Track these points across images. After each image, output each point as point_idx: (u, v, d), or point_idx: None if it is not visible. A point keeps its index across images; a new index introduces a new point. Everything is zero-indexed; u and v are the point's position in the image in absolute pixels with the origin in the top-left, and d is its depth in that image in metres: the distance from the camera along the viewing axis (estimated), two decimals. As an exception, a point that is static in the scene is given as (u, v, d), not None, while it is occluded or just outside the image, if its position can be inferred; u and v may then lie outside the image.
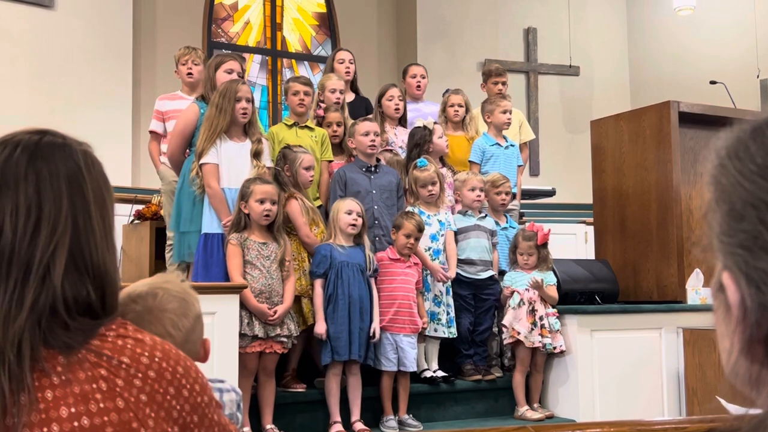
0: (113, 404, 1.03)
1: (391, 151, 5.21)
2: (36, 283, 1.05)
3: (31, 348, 1.02)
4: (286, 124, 4.87)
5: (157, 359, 1.09)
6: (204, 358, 1.76)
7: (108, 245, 1.14)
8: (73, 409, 1.01)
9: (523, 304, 4.62)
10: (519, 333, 4.58)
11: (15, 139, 1.13)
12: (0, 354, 1.01)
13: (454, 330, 4.64)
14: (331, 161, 4.90)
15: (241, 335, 3.85)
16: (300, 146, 4.56)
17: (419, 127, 5.04)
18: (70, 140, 1.16)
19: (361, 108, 5.55)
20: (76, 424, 1.01)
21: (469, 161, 5.35)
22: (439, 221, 4.74)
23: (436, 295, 4.63)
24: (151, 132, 5.37)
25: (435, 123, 5.12)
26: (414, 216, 4.45)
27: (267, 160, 4.44)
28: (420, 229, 4.40)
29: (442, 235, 4.72)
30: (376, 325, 4.22)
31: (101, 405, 1.03)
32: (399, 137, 5.32)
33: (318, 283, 4.19)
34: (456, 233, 4.81)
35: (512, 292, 4.67)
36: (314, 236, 4.37)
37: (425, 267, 4.60)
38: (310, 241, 4.34)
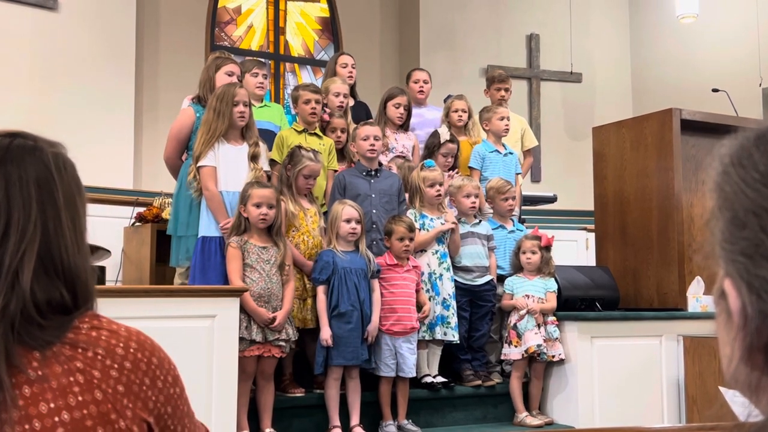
0: (92, 396, 1.04)
1: (404, 157, 5.21)
2: (6, 290, 1.05)
3: (6, 350, 1.03)
4: (295, 130, 4.84)
5: (132, 350, 1.10)
6: None
7: (79, 247, 1.14)
8: (52, 405, 1.02)
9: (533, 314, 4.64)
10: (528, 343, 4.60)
11: None
12: None
13: (457, 333, 4.64)
14: (336, 170, 4.88)
15: (240, 339, 3.84)
16: (314, 150, 4.53)
17: (432, 135, 5.22)
18: (42, 142, 1.16)
19: (361, 113, 5.55)
20: (56, 419, 1.01)
21: (469, 167, 5.36)
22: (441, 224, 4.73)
23: (444, 298, 4.61)
24: None
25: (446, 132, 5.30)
26: (402, 218, 4.45)
27: (264, 163, 4.45)
28: (411, 229, 4.40)
29: (446, 238, 4.72)
30: (372, 328, 4.21)
31: (80, 398, 1.03)
32: (399, 142, 5.32)
33: (321, 290, 4.19)
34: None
35: (514, 307, 4.69)
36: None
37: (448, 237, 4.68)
38: None
